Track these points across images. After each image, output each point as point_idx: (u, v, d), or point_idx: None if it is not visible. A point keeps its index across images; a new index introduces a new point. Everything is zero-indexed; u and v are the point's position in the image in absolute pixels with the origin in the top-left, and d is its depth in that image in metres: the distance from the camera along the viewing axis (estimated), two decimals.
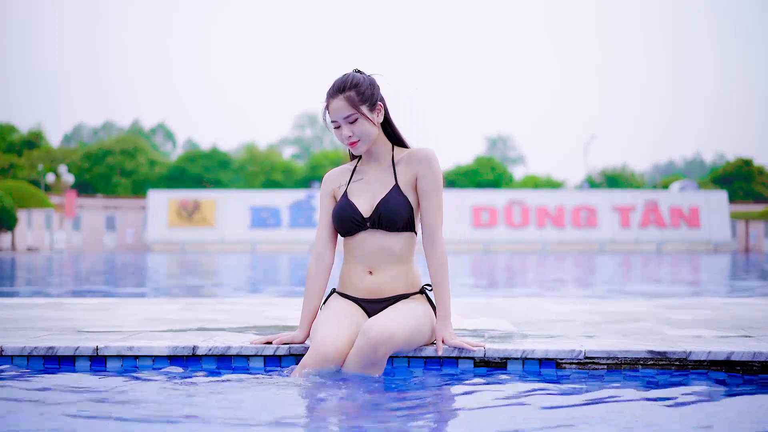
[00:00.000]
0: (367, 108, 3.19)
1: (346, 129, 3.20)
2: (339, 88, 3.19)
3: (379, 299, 3.26)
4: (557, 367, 3.26)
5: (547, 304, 5.68)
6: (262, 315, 4.80)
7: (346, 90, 3.18)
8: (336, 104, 3.18)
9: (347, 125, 3.20)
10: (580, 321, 4.45)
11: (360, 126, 3.20)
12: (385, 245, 3.22)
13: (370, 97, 3.20)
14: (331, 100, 3.20)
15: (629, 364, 3.24)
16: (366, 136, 3.22)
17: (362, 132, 3.21)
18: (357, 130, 3.20)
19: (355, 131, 3.20)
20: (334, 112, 3.19)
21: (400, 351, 3.14)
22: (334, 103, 3.19)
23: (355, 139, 3.21)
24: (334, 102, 3.19)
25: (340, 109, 3.18)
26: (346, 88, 3.18)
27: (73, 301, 5.78)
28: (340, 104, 3.18)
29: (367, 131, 3.22)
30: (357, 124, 3.19)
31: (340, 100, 3.18)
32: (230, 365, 3.33)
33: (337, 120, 3.20)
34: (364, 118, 3.19)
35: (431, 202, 3.21)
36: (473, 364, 3.27)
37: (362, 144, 3.23)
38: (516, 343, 3.41)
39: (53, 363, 3.34)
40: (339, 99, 3.18)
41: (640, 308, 5.28)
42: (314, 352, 3.01)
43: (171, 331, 3.89)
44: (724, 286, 11.78)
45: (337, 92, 3.19)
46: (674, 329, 4.00)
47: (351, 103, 3.17)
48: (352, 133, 3.20)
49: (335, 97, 3.19)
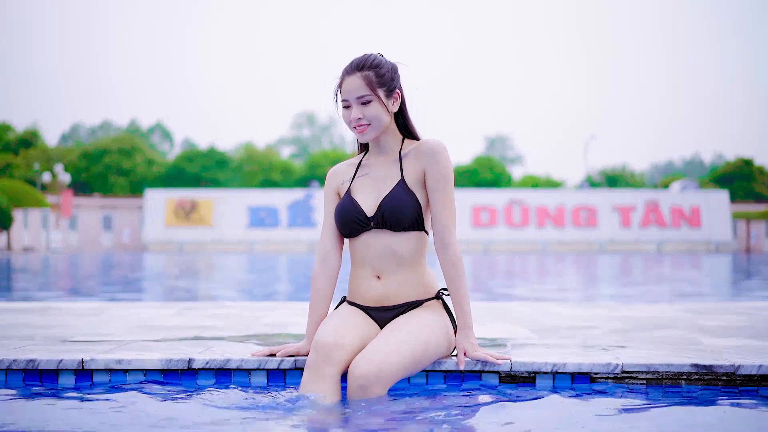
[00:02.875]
0: (383, 92, 2.90)
1: (357, 110, 2.89)
2: (357, 66, 2.89)
3: (389, 307, 2.95)
4: (591, 382, 2.95)
5: (561, 308, 5.38)
6: (262, 321, 4.49)
7: (365, 69, 2.88)
8: (351, 82, 2.88)
9: (358, 106, 2.89)
10: (605, 328, 4.15)
11: (372, 110, 2.89)
12: (392, 247, 2.90)
13: (390, 81, 2.91)
14: (347, 77, 2.90)
15: (671, 379, 2.93)
16: (377, 122, 2.91)
17: (373, 116, 2.89)
18: (368, 113, 2.89)
19: (366, 114, 2.89)
20: (347, 90, 2.89)
21: (406, 376, 2.80)
22: (349, 80, 2.89)
23: (364, 122, 2.89)
24: (349, 79, 2.89)
25: (354, 87, 2.88)
26: (365, 67, 2.89)
27: (61, 306, 5.47)
28: (356, 82, 2.88)
29: (378, 117, 2.91)
30: (369, 107, 2.89)
31: (357, 78, 2.88)
32: (230, 380, 3.02)
33: (349, 99, 2.89)
34: (378, 102, 2.89)
35: (440, 199, 2.89)
36: (498, 378, 2.96)
37: (371, 130, 2.92)
38: (543, 355, 3.10)
39: (34, 377, 3.03)
40: (356, 76, 2.88)
41: (664, 313, 4.98)
42: (312, 348, 2.75)
43: (165, 340, 3.57)
44: (738, 287, 11.46)
45: (355, 69, 2.89)
46: (710, 337, 3.69)
47: (368, 83, 2.87)
48: (362, 116, 2.89)
49: (352, 74, 2.89)
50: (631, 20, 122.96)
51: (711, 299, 8.69)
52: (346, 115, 2.91)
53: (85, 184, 57.03)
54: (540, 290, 10.55)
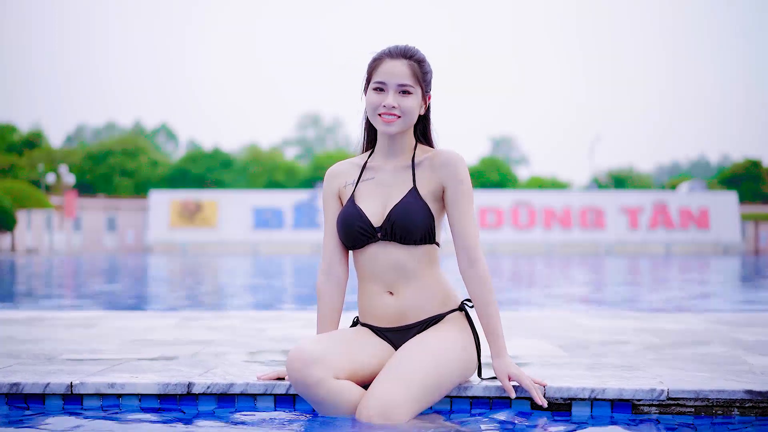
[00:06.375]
0: (422, 89, 2.65)
1: (393, 98, 2.61)
2: (405, 53, 2.64)
3: (407, 326, 2.65)
4: (633, 411, 2.65)
5: (586, 319, 5.09)
6: (266, 335, 4.21)
7: (412, 59, 2.64)
8: (397, 66, 2.61)
9: (396, 94, 2.61)
10: (637, 343, 3.86)
11: (409, 102, 2.62)
12: (401, 261, 2.61)
13: (429, 82, 2.69)
14: (390, 60, 2.62)
15: (722, 407, 2.64)
16: (408, 117, 2.63)
17: (407, 110, 2.62)
18: (404, 104, 2.61)
19: (401, 104, 2.61)
20: (389, 73, 2.61)
21: (423, 408, 2.51)
22: (393, 64, 2.61)
23: (396, 113, 2.61)
24: (393, 63, 2.62)
25: (399, 73, 2.60)
26: (412, 57, 2.64)
27: (53, 315, 5.19)
28: (401, 69, 2.61)
29: (412, 111, 2.63)
30: (407, 99, 2.62)
31: (403, 65, 2.61)
32: (233, 405, 2.73)
33: (387, 83, 2.61)
34: (416, 97, 2.63)
35: (464, 213, 2.60)
36: (530, 405, 2.67)
37: (399, 123, 2.63)
38: (579, 378, 2.81)
39: (19, 402, 2.75)
40: (401, 63, 2.62)
41: (697, 326, 4.68)
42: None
43: (162, 358, 3.29)
44: (759, 293, 11.12)
45: (402, 56, 2.63)
46: (755, 356, 3.40)
47: (413, 73, 2.62)
48: (397, 105, 2.61)
49: (397, 59, 2.62)
50: (636, 20, 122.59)
51: (737, 307, 8.37)
52: (376, 99, 2.62)
53: (89, 185, 56.83)
54: (555, 296, 10.24)
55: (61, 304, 8.56)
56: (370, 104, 2.63)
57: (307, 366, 2.44)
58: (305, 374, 2.44)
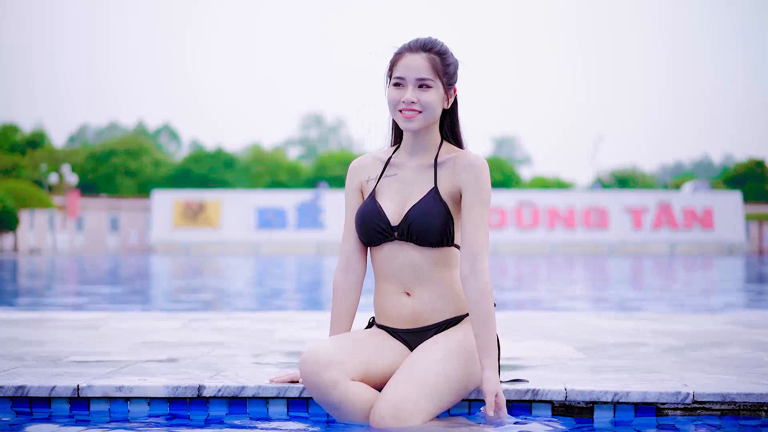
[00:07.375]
0: (444, 83, 2.56)
1: (412, 93, 2.52)
2: (424, 46, 2.55)
3: (423, 328, 2.57)
4: (658, 414, 2.57)
5: (600, 320, 5.00)
6: (276, 336, 4.13)
7: (432, 51, 2.55)
8: (416, 60, 2.53)
9: (415, 89, 2.53)
10: (656, 345, 3.78)
11: (429, 96, 2.53)
12: (417, 263, 2.53)
13: (452, 74, 2.59)
14: (409, 54, 2.55)
15: (750, 411, 2.55)
16: (429, 112, 2.55)
17: (428, 104, 2.53)
18: (424, 99, 2.53)
19: (421, 99, 2.53)
20: (408, 68, 2.53)
21: (438, 413, 2.44)
22: (412, 58, 2.54)
23: (416, 108, 2.53)
24: (412, 57, 2.54)
25: (418, 66, 2.52)
26: (432, 50, 2.55)
27: (57, 316, 5.11)
28: (421, 62, 2.53)
29: (433, 106, 2.55)
30: (427, 93, 2.53)
31: (422, 59, 2.53)
32: (245, 410, 2.65)
33: (406, 78, 2.53)
34: (437, 91, 2.54)
35: (476, 220, 2.50)
36: (551, 409, 2.59)
37: (420, 119, 2.54)
38: (600, 381, 2.73)
39: (23, 405, 2.67)
40: (421, 56, 2.54)
41: (712, 326, 4.60)
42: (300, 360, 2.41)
43: (170, 360, 3.21)
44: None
45: (421, 49, 2.55)
46: None
47: (433, 67, 2.53)
48: (417, 100, 2.52)
49: (416, 53, 2.54)
50: (639, 20, 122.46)
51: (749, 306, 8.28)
52: (395, 95, 2.54)
53: (91, 185, 56.80)
54: (564, 297, 10.16)
55: (65, 303, 8.49)
56: (390, 100, 2.56)
57: (321, 368, 2.37)
58: (319, 377, 2.37)
